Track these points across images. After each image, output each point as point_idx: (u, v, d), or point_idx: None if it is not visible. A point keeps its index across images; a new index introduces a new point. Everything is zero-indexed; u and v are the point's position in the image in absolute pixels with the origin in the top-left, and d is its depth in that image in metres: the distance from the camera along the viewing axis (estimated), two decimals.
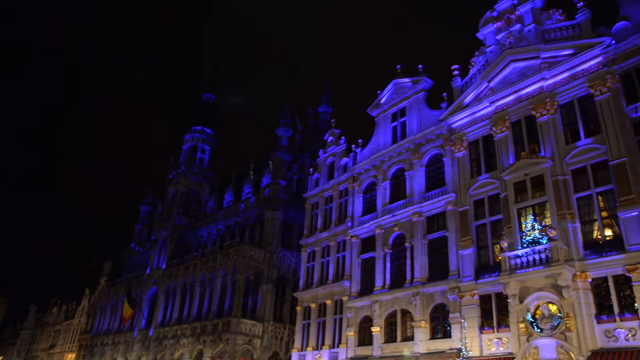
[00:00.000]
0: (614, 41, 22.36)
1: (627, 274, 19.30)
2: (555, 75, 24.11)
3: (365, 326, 29.40)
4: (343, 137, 37.24)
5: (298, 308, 34.99)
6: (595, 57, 22.81)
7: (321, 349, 31.78)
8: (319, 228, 35.95)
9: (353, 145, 35.52)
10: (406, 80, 32.55)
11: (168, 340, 41.68)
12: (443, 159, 28.60)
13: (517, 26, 26.56)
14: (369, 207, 32.52)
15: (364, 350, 28.65)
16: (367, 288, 30.12)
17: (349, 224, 33.05)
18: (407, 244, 28.52)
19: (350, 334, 29.77)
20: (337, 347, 30.62)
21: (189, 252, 48.25)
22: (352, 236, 32.48)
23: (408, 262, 28.11)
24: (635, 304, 18.84)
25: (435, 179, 28.92)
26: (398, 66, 33.40)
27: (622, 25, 22.58)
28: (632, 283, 19.08)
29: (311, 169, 39.82)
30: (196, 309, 41.07)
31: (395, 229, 29.61)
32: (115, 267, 62.99)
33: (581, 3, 24.24)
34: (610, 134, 21.49)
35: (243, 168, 51.73)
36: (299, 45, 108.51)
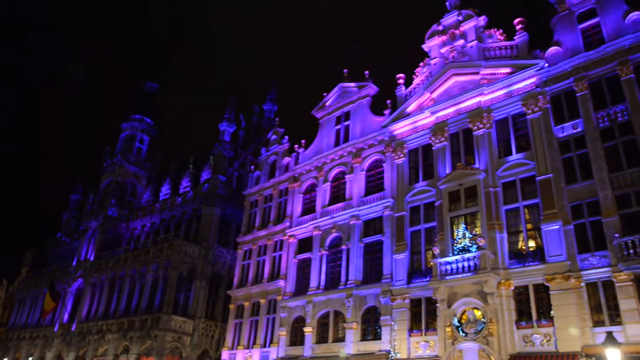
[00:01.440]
0: (547, 64, 23.75)
1: (546, 283, 20.54)
2: (492, 92, 25.27)
3: (297, 326, 29.52)
4: (286, 137, 37.22)
5: (231, 306, 34.60)
6: (529, 78, 24.13)
7: (252, 348, 31.58)
8: (257, 226, 35.71)
9: (296, 146, 35.58)
10: (352, 84, 33.01)
11: (92, 336, 39.88)
12: (383, 165, 29.23)
13: (461, 42, 27.62)
14: (308, 208, 32.69)
15: (295, 350, 28.76)
16: (301, 288, 30.25)
17: (287, 223, 33.07)
18: (343, 247, 28.91)
19: (283, 334, 29.79)
20: (269, 346, 30.55)
21: (120, 245, 46.42)
22: (289, 236, 32.51)
23: (344, 264, 28.51)
24: (552, 312, 20.09)
25: (374, 184, 29.51)
26: (345, 70, 33.84)
27: (554, 50, 24.04)
28: (550, 292, 20.34)
29: (252, 167, 39.53)
30: (124, 304, 39.60)
31: (333, 231, 29.94)
32: (39, 257, 59.50)
33: (520, 26, 25.58)
34: (539, 151, 22.79)
35: (183, 161, 50.45)
36: (248, 41, 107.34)
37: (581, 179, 21.39)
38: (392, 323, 24.24)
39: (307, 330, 28.39)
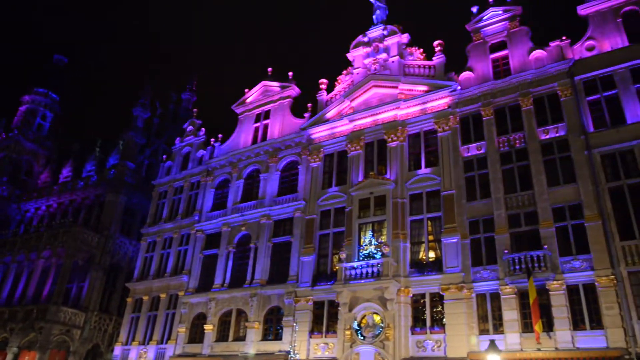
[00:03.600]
0: (459, 87, 25.28)
1: (441, 292, 21.81)
2: (408, 107, 26.44)
3: (198, 323, 28.87)
4: (203, 129, 36.33)
5: (129, 299, 33.06)
6: (443, 98, 25.55)
7: (148, 344, 30.39)
8: (164, 218, 34.49)
9: (212, 139, 34.85)
10: (275, 84, 32.99)
11: None
12: (298, 167, 29.47)
13: (384, 55, 28.62)
14: (219, 204, 32.13)
15: (193, 348, 28.09)
16: (205, 285, 29.63)
17: (196, 217, 32.27)
18: (251, 245, 28.74)
19: (182, 330, 28.98)
20: (166, 343, 29.57)
21: (8, 227, 42.70)
22: (197, 230, 31.74)
23: (250, 262, 28.34)
24: (444, 319, 21.36)
25: (288, 185, 29.65)
26: (269, 69, 33.76)
27: (467, 75, 25.68)
28: (444, 301, 21.63)
29: (165, 156, 38.12)
30: (7, 292, 36.48)
31: (243, 228, 29.67)
32: None
33: (438, 48, 27.02)
34: (445, 168, 24.17)
35: (89, 143, 47.45)
36: (175, 27, 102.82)
37: (480, 197, 22.96)
38: (294, 324, 24.48)
39: (208, 327, 27.86)
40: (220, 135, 34.60)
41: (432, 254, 23.30)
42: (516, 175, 22.55)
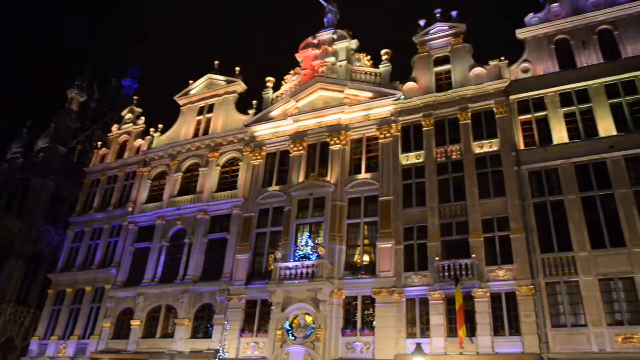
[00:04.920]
0: (403, 96, 25.96)
1: (373, 296, 22.27)
2: (353, 112, 26.84)
3: (124, 318, 27.85)
4: (143, 118, 35.16)
5: (50, 291, 31.37)
6: (386, 106, 26.14)
7: (68, 338, 28.98)
8: (95, 207, 33.04)
9: (152, 129, 33.80)
10: (221, 78, 32.49)
11: None
12: (239, 163, 29.16)
13: (332, 58, 28.91)
14: (155, 196, 31.18)
15: (118, 344, 27.06)
16: (135, 279, 28.64)
17: (130, 209, 31.15)
18: (186, 240, 28.10)
19: (106, 325, 27.85)
20: (88, 338, 28.30)
21: None
22: (130, 222, 30.65)
23: (184, 258, 27.68)
24: (374, 322, 21.84)
25: (228, 181, 29.26)
26: (216, 62, 33.21)
27: (411, 85, 26.42)
28: (375, 304, 22.11)
29: (100, 143, 36.54)
30: None
31: (178, 222, 28.95)
32: None
33: (385, 56, 27.64)
34: (384, 174, 24.73)
35: (15, 123, 44.64)
36: (122, 11, 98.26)
37: (416, 205, 23.66)
38: (225, 322, 24.19)
39: (135, 323, 26.95)
40: (160, 125, 33.62)
41: (366, 258, 23.75)
42: (451, 185, 23.42)
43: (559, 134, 22.41)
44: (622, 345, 18.09)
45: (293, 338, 22.43)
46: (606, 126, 21.69)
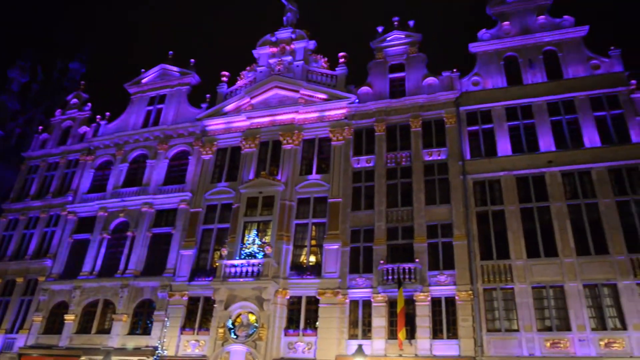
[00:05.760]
0: (357, 100, 26.29)
1: (317, 297, 22.39)
2: (307, 113, 26.91)
3: (58, 312, 26.63)
4: (90, 104, 33.80)
5: None
6: (341, 109, 26.39)
7: None
8: (32, 195, 31.44)
9: (98, 116, 32.56)
10: (175, 69, 31.76)
11: None
12: (189, 157, 28.58)
13: (289, 58, 28.87)
14: (98, 186, 30.04)
15: (49, 339, 25.84)
16: (72, 271, 27.47)
17: (70, 198, 29.86)
18: (129, 233, 27.24)
19: (37, 319, 26.55)
20: (17, 332, 26.86)
21: None
22: (70, 212, 29.38)
23: (125, 251, 26.82)
24: (317, 323, 21.96)
25: (176, 175, 28.59)
26: (170, 52, 32.47)
27: (366, 90, 26.80)
28: (319, 305, 22.24)
29: (41, 127, 34.83)
30: None
31: (121, 215, 28.04)
32: None
33: (342, 59, 27.89)
34: (335, 176, 24.94)
35: None
36: None
37: (364, 208, 24.01)
38: (166, 319, 23.65)
39: (69, 318, 25.84)
40: (107, 113, 32.43)
41: (312, 259, 23.85)
42: (399, 191, 23.92)
43: (504, 146, 23.36)
44: (550, 350, 19.08)
45: (235, 337, 22.21)
46: (546, 142, 22.83)
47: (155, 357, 22.52)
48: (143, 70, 32.49)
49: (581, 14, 25.34)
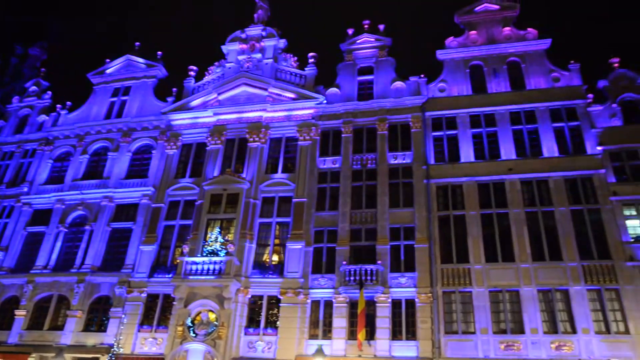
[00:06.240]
0: (325, 101, 26.37)
1: (279, 296, 22.35)
2: (275, 111, 26.82)
3: (7, 307, 25.60)
4: (50, 92, 32.66)
5: None
6: (309, 109, 26.42)
7: None
8: None
9: (58, 105, 31.52)
10: (141, 60, 31.07)
11: None
12: (152, 151, 28.02)
13: (259, 55, 28.71)
14: (56, 178, 29.07)
15: None
16: (24, 265, 26.48)
17: (25, 189, 28.79)
18: (87, 227, 26.48)
19: None
20: None
21: None
22: (24, 203, 28.32)
23: (83, 246, 26.05)
24: (278, 322, 21.91)
25: (138, 169, 27.97)
26: (137, 43, 31.74)
27: (334, 91, 26.93)
28: (280, 304, 22.20)
29: None
30: None
31: (80, 208, 27.22)
32: None
33: (312, 60, 27.92)
34: (300, 176, 24.94)
35: None
36: None
37: (329, 209, 24.11)
38: (123, 316, 23.11)
39: (20, 313, 24.87)
40: (69, 103, 31.44)
41: (275, 258, 23.78)
42: (364, 193, 24.13)
43: (467, 153, 23.91)
44: (504, 352, 19.65)
45: (194, 335, 21.89)
46: (508, 150, 23.50)
47: (110, 355, 22.00)
48: (108, 60, 31.66)
49: (545, 28, 26.27)
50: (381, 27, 28.09)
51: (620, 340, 19.14)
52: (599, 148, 22.64)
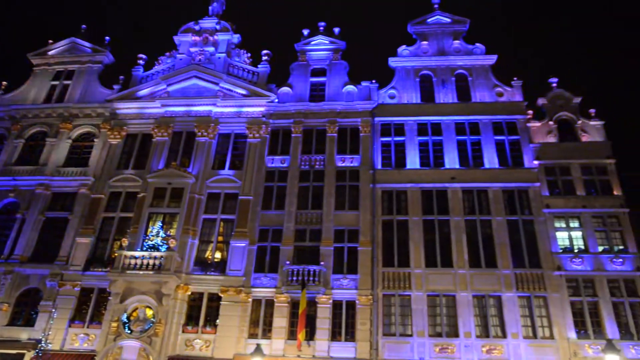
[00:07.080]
0: (277, 100, 26.30)
1: (220, 294, 22.06)
2: (225, 107, 26.46)
3: None
4: None
5: None
6: (259, 106, 26.26)
7: None
8: None
9: None
10: (87, 44, 29.79)
11: None
12: (95, 140, 26.94)
13: (212, 49, 28.23)
14: None
15: None
16: None
17: None
18: (19, 215, 25.11)
19: None
20: None
21: None
22: None
23: (13, 235, 24.67)
24: (218, 320, 21.62)
25: (78, 157, 26.80)
26: (83, 26, 30.46)
27: (286, 91, 26.92)
28: (221, 302, 21.92)
29: None
30: None
31: (11, 194, 25.76)
32: None
33: (265, 57, 27.78)
34: (248, 173, 24.75)
35: None
36: None
37: (275, 208, 24.06)
38: (53, 310, 22.08)
39: None
40: (4, 82, 29.67)
41: (218, 255, 23.47)
42: (310, 194, 24.24)
43: (413, 160, 24.54)
44: (438, 355, 20.32)
45: (129, 332, 21.20)
46: (451, 159, 24.32)
47: (37, 350, 20.95)
48: (51, 41, 30.14)
49: (491, 44, 27.33)
50: (336, 30, 28.34)
51: (545, 345, 20.24)
52: (535, 162, 23.86)
